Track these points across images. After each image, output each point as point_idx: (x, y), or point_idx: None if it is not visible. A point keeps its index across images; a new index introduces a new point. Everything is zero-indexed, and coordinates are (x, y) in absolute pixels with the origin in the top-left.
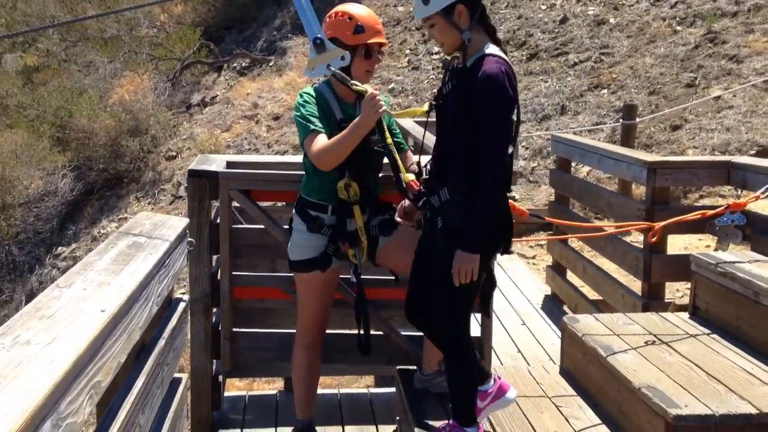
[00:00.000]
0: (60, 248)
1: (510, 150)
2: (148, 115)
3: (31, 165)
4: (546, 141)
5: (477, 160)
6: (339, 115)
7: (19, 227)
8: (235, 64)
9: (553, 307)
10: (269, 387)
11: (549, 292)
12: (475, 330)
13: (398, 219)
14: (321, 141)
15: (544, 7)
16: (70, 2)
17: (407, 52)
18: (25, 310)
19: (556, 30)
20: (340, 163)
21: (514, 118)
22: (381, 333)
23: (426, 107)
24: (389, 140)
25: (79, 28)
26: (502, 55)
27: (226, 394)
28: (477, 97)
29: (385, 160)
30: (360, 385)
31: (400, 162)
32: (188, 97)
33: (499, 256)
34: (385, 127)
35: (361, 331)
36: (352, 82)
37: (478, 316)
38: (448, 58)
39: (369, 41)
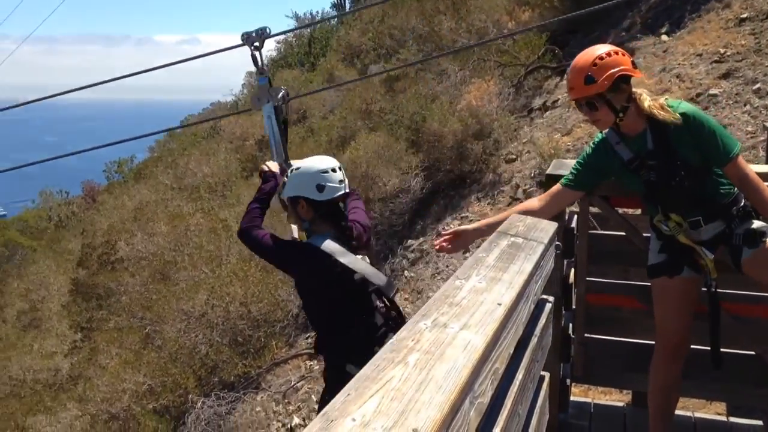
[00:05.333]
0: (409, 241)
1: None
2: (491, 119)
3: (389, 164)
4: None
5: None
6: (626, 156)
7: (377, 220)
8: None
9: None
10: (606, 398)
11: None
12: None
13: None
14: (550, 190)
15: None
16: (428, 14)
17: None
18: (436, 296)
19: None
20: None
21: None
22: (750, 353)
23: None
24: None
25: (434, 38)
26: (332, 249)
27: (571, 398)
28: None
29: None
30: (710, 411)
31: None
32: (530, 101)
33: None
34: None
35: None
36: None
37: None
38: None
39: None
